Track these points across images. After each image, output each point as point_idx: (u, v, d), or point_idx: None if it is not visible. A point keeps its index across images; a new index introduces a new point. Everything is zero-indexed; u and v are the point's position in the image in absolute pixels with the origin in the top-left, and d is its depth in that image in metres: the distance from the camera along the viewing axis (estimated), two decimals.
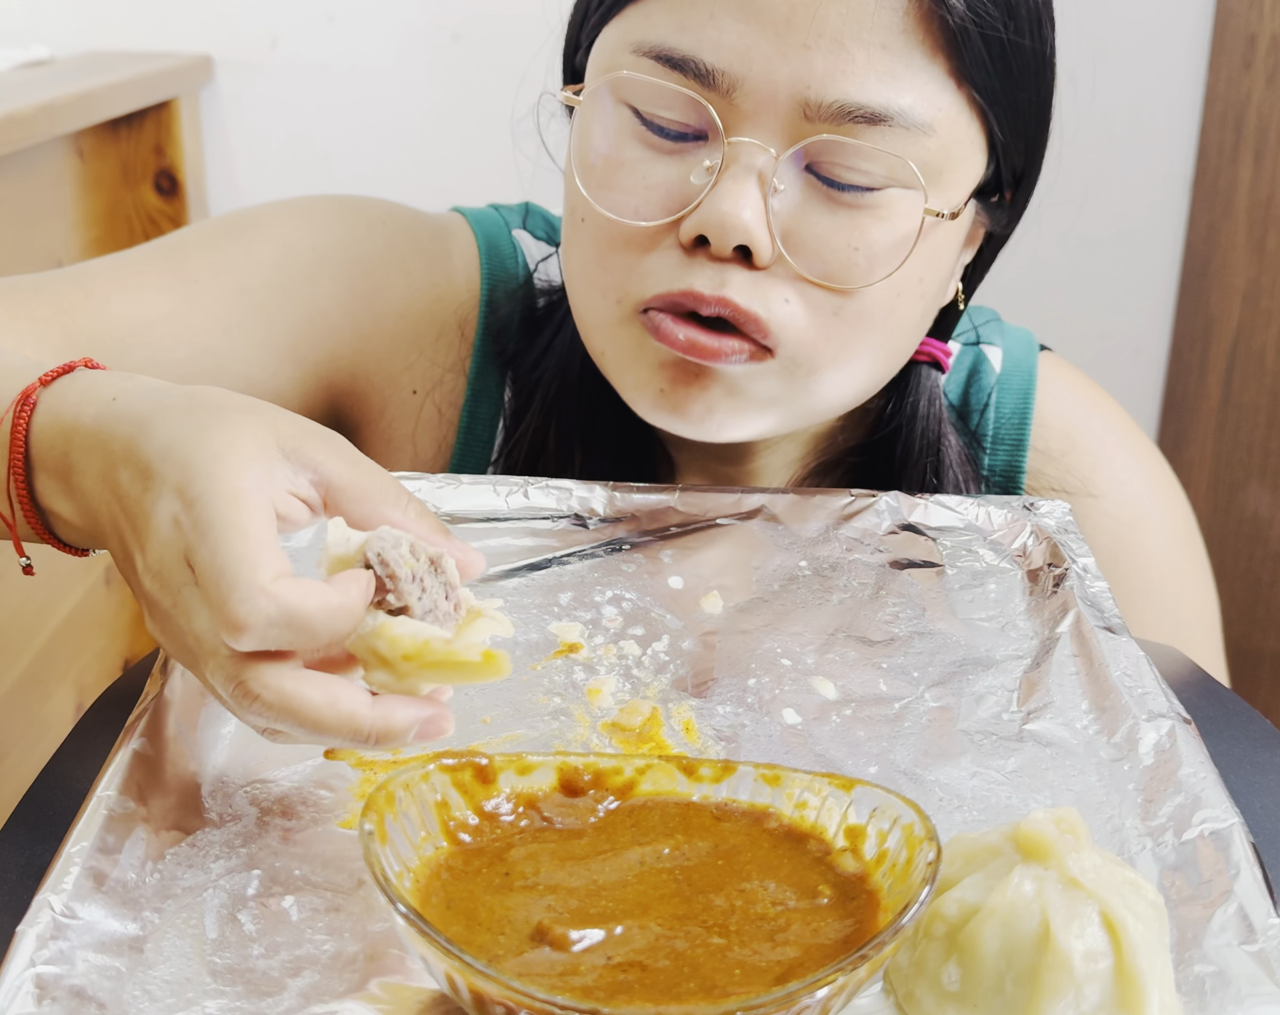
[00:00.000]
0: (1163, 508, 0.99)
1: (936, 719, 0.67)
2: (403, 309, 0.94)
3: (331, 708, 0.53)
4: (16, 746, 1.49)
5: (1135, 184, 1.91)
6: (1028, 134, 0.82)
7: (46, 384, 0.63)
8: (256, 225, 0.93)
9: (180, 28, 1.91)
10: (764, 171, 0.75)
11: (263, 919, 0.53)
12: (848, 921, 0.50)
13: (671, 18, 0.76)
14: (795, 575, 0.78)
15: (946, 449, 0.92)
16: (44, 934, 0.49)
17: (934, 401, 0.92)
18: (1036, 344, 1.00)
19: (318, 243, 0.92)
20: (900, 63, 0.74)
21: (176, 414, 0.57)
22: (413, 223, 0.97)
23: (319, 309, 0.91)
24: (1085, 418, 0.99)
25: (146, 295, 0.87)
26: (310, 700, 0.52)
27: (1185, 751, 0.61)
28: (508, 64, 0.93)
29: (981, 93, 0.77)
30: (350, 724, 0.53)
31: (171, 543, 0.54)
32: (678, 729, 0.66)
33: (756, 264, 0.76)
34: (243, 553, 0.52)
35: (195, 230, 0.93)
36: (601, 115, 0.79)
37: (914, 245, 0.77)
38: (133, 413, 0.59)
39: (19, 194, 1.54)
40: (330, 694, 0.53)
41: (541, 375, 0.92)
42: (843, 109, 0.74)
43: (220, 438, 0.55)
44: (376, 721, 0.53)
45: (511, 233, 0.98)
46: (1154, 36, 1.85)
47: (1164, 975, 0.48)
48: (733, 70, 0.74)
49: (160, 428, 0.57)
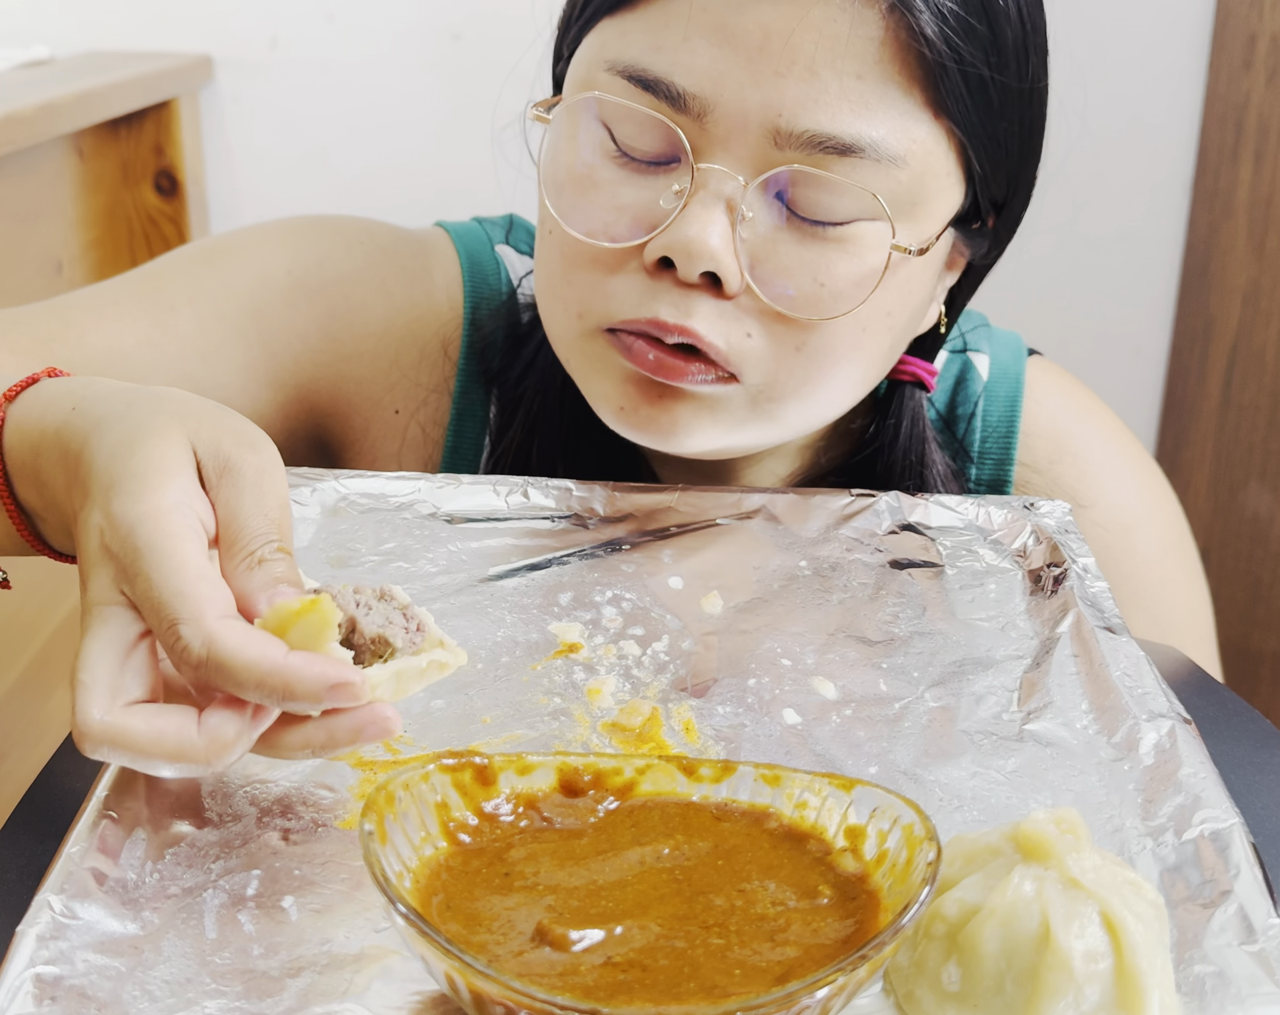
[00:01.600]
0: (1153, 513, 0.99)
1: (936, 719, 0.67)
2: (383, 329, 0.94)
3: (156, 740, 0.52)
4: (16, 746, 1.49)
5: (1135, 184, 1.91)
6: (1009, 164, 0.80)
7: (11, 399, 0.63)
8: (232, 250, 0.92)
9: (180, 28, 1.91)
10: (732, 198, 0.74)
11: (263, 919, 0.53)
12: (848, 921, 0.50)
13: (647, 37, 0.75)
14: (795, 575, 0.78)
15: (930, 468, 0.91)
16: (44, 934, 0.49)
17: (917, 422, 0.91)
18: (1025, 349, 1.00)
19: (294, 265, 0.92)
20: (874, 93, 0.73)
21: (113, 424, 0.58)
22: (392, 241, 0.96)
23: (297, 332, 0.91)
24: (1074, 424, 0.98)
25: (123, 324, 0.87)
26: (135, 733, 0.52)
27: (1185, 751, 0.61)
28: (508, 64, 0.93)
29: (960, 125, 0.76)
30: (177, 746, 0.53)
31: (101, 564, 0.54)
32: (678, 729, 0.66)
33: (725, 292, 0.75)
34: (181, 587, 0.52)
35: (172, 258, 0.93)
36: (573, 132, 0.78)
37: (879, 281, 0.76)
38: (85, 423, 0.59)
39: (19, 194, 1.54)
40: (155, 723, 0.53)
41: (524, 391, 0.92)
42: (813, 138, 0.73)
43: (143, 449, 0.56)
44: (204, 746, 0.53)
45: (494, 248, 0.98)
46: (1154, 37, 1.85)
47: (1164, 975, 0.48)
48: (704, 95, 0.73)
49: (103, 438, 0.57)
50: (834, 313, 0.76)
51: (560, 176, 0.78)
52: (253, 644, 0.52)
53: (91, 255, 1.74)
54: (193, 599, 0.52)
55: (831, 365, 0.78)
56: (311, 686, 0.52)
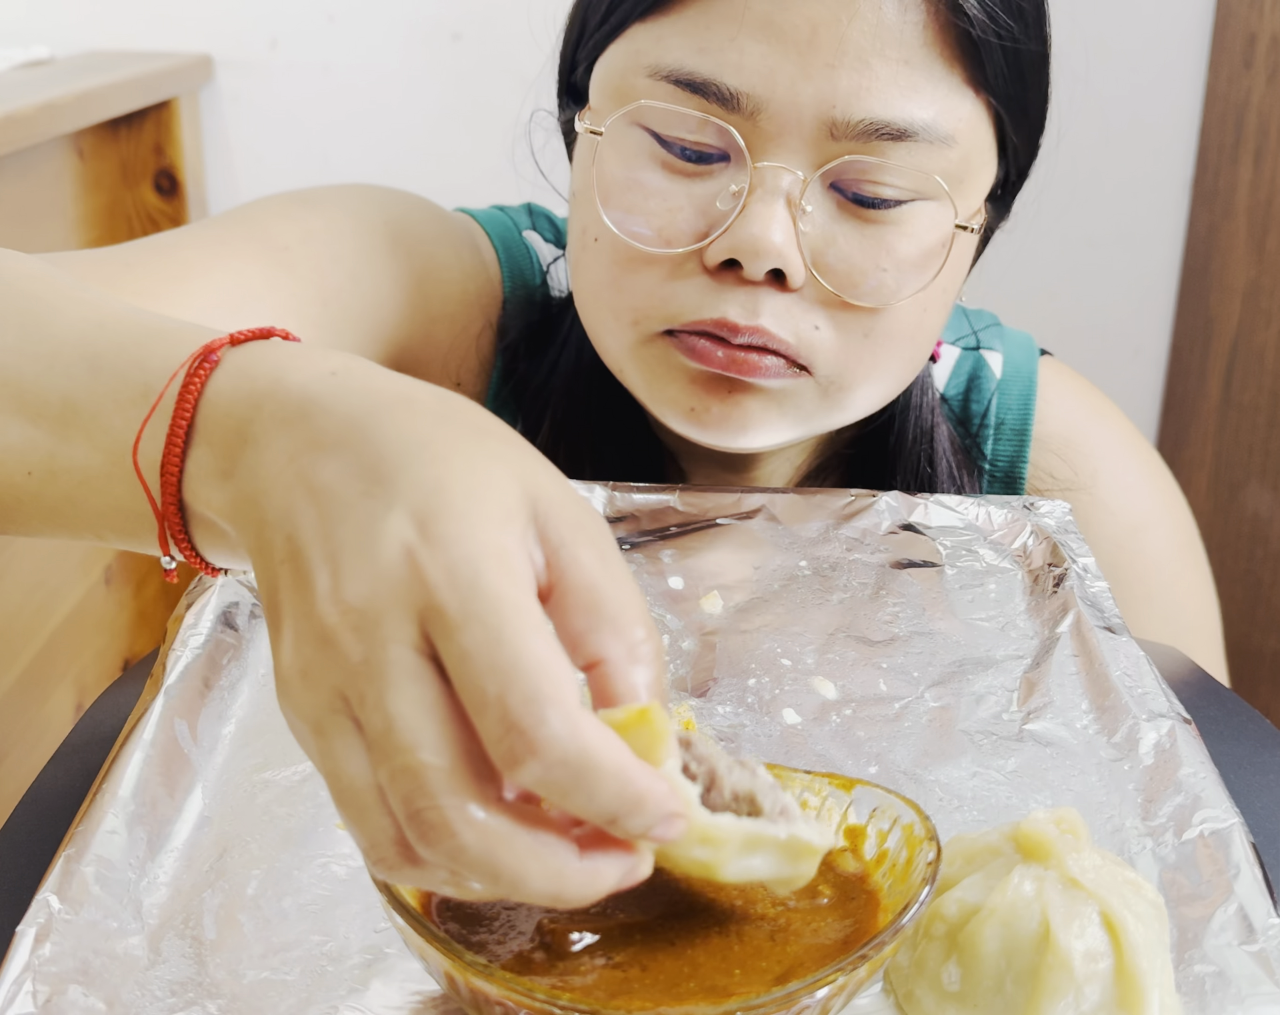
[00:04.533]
0: (1164, 514, 0.99)
1: (936, 719, 0.67)
2: (459, 294, 0.92)
3: (537, 860, 0.41)
4: (16, 746, 1.49)
5: (1135, 184, 1.91)
6: (1033, 134, 0.82)
7: (237, 343, 0.50)
8: (322, 200, 0.89)
9: (180, 28, 1.91)
10: (791, 194, 0.74)
11: (263, 919, 0.53)
12: (848, 921, 0.50)
13: (688, 40, 0.74)
14: (795, 575, 0.78)
15: (940, 437, 0.92)
16: (44, 934, 0.49)
17: (926, 391, 0.92)
18: (1037, 349, 1.00)
19: (389, 218, 0.89)
20: (922, 76, 0.74)
21: (426, 415, 0.45)
22: (447, 214, 0.96)
23: (400, 285, 0.88)
24: (1086, 425, 0.99)
25: (242, 263, 0.81)
26: (516, 849, 0.41)
27: (1185, 751, 0.61)
28: (508, 64, 0.93)
29: (998, 99, 0.77)
30: (556, 883, 0.41)
31: (398, 583, 0.41)
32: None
33: (789, 286, 0.75)
34: (542, 655, 0.40)
35: (255, 206, 0.87)
36: (619, 140, 0.78)
37: (945, 259, 0.77)
38: (362, 393, 0.45)
39: (19, 194, 1.54)
40: (539, 842, 0.41)
41: (550, 396, 0.92)
42: (870, 126, 0.73)
43: (482, 470, 0.43)
44: (583, 881, 0.42)
45: (522, 234, 0.97)
46: (1154, 36, 1.85)
47: (1164, 975, 0.48)
48: (756, 93, 0.73)
49: (404, 424, 0.44)
50: (899, 297, 0.77)
51: (610, 185, 0.78)
52: (615, 743, 0.41)
53: None
54: (555, 678, 0.40)
55: (898, 347, 0.79)
56: (660, 805, 0.41)
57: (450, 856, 0.40)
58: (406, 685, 0.40)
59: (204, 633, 0.68)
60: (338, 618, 0.41)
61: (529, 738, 0.39)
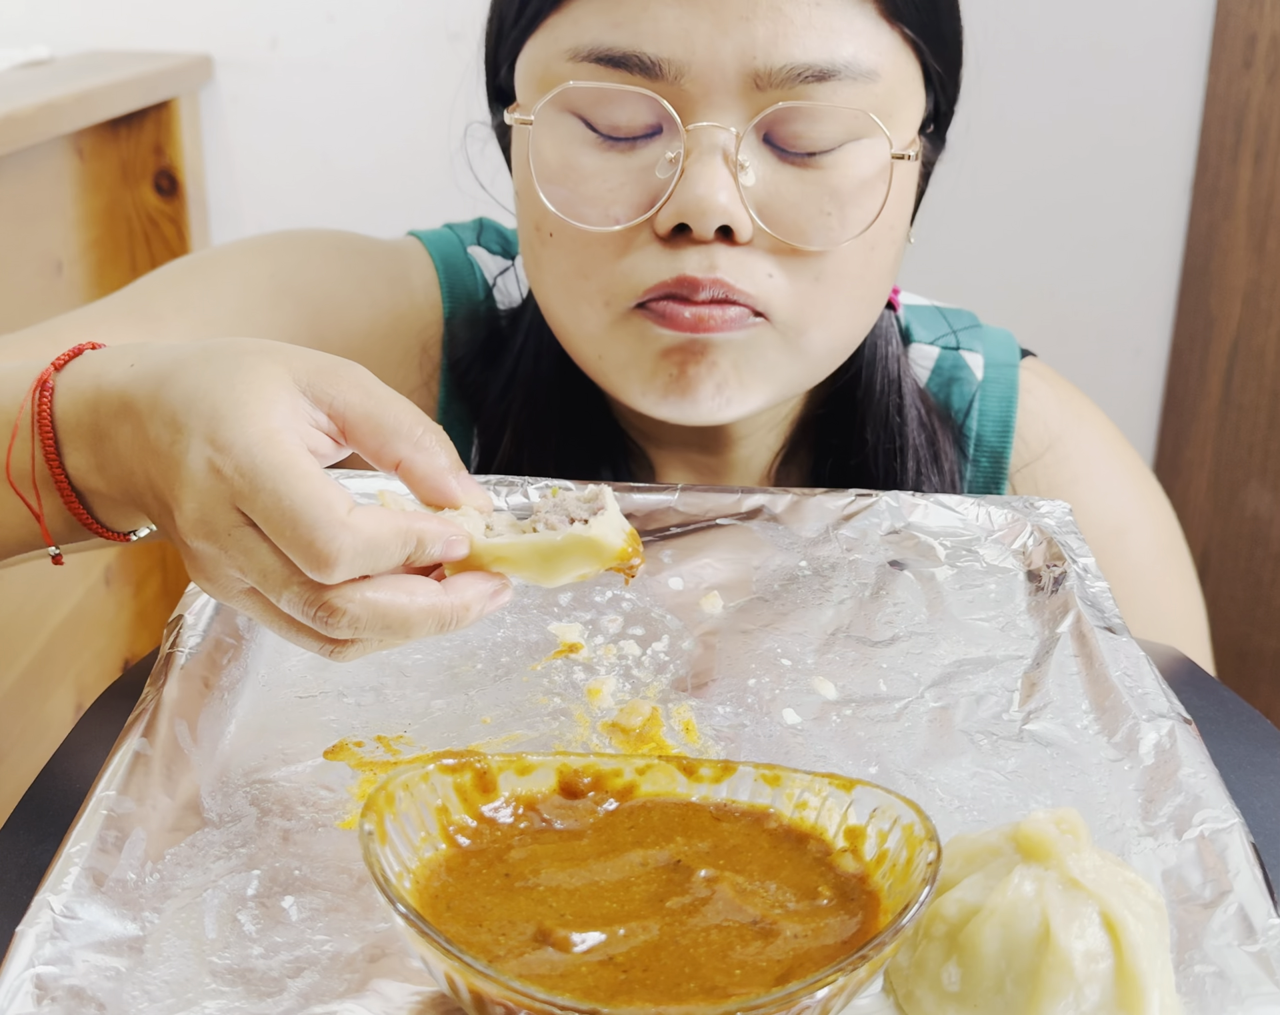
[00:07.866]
0: (1146, 517, 0.99)
1: (936, 719, 0.67)
2: (368, 328, 0.95)
3: (412, 603, 0.56)
4: (16, 746, 1.49)
5: (1135, 184, 1.91)
6: (953, 60, 0.84)
7: (60, 368, 0.65)
8: (214, 263, 0.94)
9: (180, 28, 1.91)
10: (727, 150, 0.76)
11: (263, 919, 0.53)
12: (848, 922, 0.50)
13: (603, 17, 0.76)
14: (795, 575, 0.78)
15: (907, 387, 0.93)
16: (44, 934, 0.49)
17: (890, 341, 0.93)
18: (1018, 349, 1.00)
19: (275, 270, 0.93)
20: (835, 15, 0.75)
21: (195, 365, 0.59)
22: (367, 247, 0.98)
23: (286, 333, 0.92)
24: (1068, 427, 0.99)
25: (114, 338, 0.86)
26: (394, 601, 0.55)
27: (1185, 752, 0.61)
28: None
29: (912, 27, 0.78)
30: (434, 613, 0.56)
31: (211, 490, 0.55)
32: (678, 729, 0.66)
33: (738, 240, 0.77)
34: (310, 491, 0.54)
35: (154, 276, 0.94)
36: (551, 129, 0.79)
37: (887, 194, 0.78)
38: (153, 371, 0.60)
39: (19, 194, 1.54)
40: (407, 590, 0.56)
41: (510, 406, 0.93)
42: (792, 71, 0.75)
43: (241, 382, 0.57)
44: (455, 606, 0.57)
45: (467, 251, 0.99)
46: (1154, 36, 1.85)
47: (1164, 975, 0.48)
48: (677, 57, 0.75)
49: (182, 379, 0.58)
50: (845, 237, 0.78)
51: (550, 175, 0.79)
52: (387, 514, 0.55)
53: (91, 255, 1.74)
54: (326, 501, 0.54)
55: (850, 287, 0.81)
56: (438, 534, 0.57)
57: (352, 627, 0.55)
58: (256, 548, 0.55)
59: (204, 633, 0.68)
60: (190, 531, 0.56)
61: (324, 553, 0.53)
